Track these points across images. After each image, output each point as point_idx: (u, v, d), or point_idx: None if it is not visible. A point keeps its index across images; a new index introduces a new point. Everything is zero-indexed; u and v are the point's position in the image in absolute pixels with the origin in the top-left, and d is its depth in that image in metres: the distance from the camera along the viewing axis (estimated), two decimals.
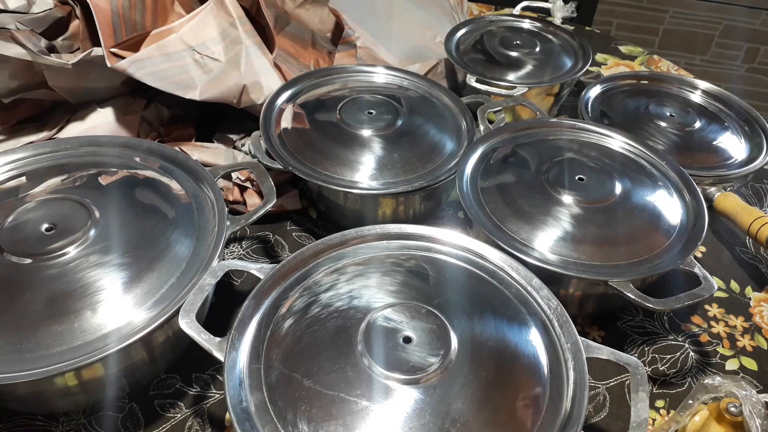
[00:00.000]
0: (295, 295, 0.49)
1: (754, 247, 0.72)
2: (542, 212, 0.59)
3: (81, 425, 0.51)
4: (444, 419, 0.41)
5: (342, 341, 0.45)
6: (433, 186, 0.65)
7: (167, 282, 0.51)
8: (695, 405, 0.46)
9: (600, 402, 0.55)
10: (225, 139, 0.77)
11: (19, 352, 0.45)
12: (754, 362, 0.59)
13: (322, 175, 0.64)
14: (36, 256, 0.51)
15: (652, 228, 0.59)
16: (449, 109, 0.75)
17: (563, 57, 0.89)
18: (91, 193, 0.57)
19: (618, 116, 0.78)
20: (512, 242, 0.56)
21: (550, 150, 0.67)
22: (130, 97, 0.76)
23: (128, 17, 0.72)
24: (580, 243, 0.57)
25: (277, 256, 0.68)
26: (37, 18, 0.69)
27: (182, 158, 0.63)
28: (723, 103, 0.82)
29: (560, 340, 0.46)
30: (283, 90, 0.74)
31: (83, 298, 0.48)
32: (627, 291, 0.53)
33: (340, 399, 0.41)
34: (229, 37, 0.74)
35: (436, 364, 0.43)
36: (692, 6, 1.72)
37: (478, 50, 0.90)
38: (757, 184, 0.81)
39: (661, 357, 0.59)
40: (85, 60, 0.67)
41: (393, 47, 0.86)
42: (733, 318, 0.64)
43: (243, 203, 0.70)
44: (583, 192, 0.61)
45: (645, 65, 1.07)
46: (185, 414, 0.52)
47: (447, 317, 0.47)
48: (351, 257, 0.53)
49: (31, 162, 0.61)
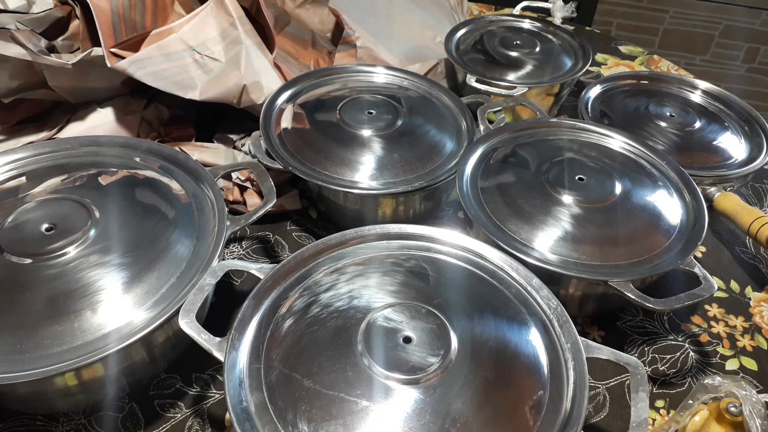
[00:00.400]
0: (295, 295, 0.49)
1: (754, 247, 0.72)
2: (542, 212, 0.59)
3: (81, 425, 0.51)
4: (444, 419, 0.41)
5: (342, 341, 0.45)
6: (433, 186, 0.65)
7: (167, 282, 0.51)
8: (695, 405, 0.46)
9: (600, 402, 0.55)
10: (225, 139, 0.77)
11: (19, 352, 0.45)
12: (754, 362, 0.59)
13: (322, 175, 0.65)
14: (36, 256, 0.51)
15: (652, 228, 0.59)
16: (449, 109, 0.75)
17: (563, 57, 0.89)
18: (91, 193, 0.57)
19: (618, 116, 0.78)
20: (512, 242, 0.56)
21: (550, 150, 0.67)
22: (130, 97, 0.76)
23: (128, 17, 0.72)
24: (580, 243, 0.57)
25: (277, 256, 0.68)
26: (37, 18, 0.69)
27: (182, 158, 0.63)
28: (723, 103, 0.82)
29: (560, 340, 0.46)
30: (283, 90, 0.74)
31: (83, 298, 0.48)
32: (627, 291, 0.53)
33: (340, 399, 0.41)
34: (229, 37, 0.74)
35: (436, 364, 0.43)
36: (692, 6, 1.72)
37: (478, 50, 0.90)
38: (757, 184, 0.81)
39: (661, 357, 0.59)
40: (85, 60, 0.67)
41: (393, 47, 0.86)
42: (733, 318, 0.64)
43: (243, 203, 0.70)
44: (583, 192, 0.61)
45: (645, 65, 1.07)
46: (185, 414, 0.52)
47: (447, 317, 0.47)
48: (351, 257, 0.53)
49: (31, 162, 0.61)
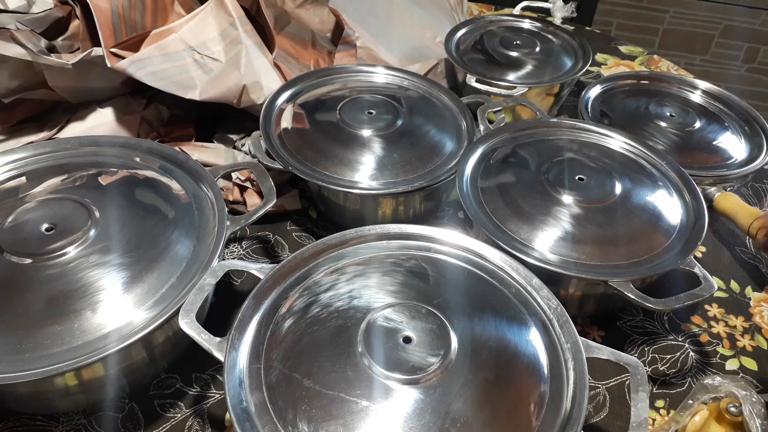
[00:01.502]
0: (295, 295, 0.49)
1: (754, 247, 0.72)
2: (542, 212, 0.59)
3: (81, 425, 0.51)
4: (444, 419, 0.41)
5: (342, 341, 0.45)
6: (433, 186, 0.65)
7: (167, 282, 0.51)
8: (695, 405, 0.47)
9: (600, 402, 0.55)
10: (225, 139, 0.77)
11: (19, 352, 0.45)
12: (754, 362, 0.59)
13: (322, 175, 0.65)
14: (36, 256, 0.51)
15: (652, 228, 0.59)
16: (449, 109, 0.75)
17: (563, 57, 0.89)
18: (91, 193, 0.57)
19: (618, 116, 0.78)
20: (512, 242, 0.56)
21: (550, 150, 0.67)
22: (130, 97, 0.76)
23: (128, 17, 0.72)
24: (580, 243, 0.57)
25: (277, 256, 0.68)
26: (37, 18, 0.69)
27: (182, 158, 0.63)
28: (723, 103, 0.82)
29: (560, 340, 0.46)
30: (283, 90, 0.74)
31: (83, 298, 0.48)
32: (627, 291, 0.53)
33: (340, 399, 0.41)
34: (229, 37, 0.74)
35: (436, 364, 0.43)
36: (692, 6, 1.72)
37: (478, 50, 0.90)
38: (757, 184, 0.81)
39: (661, 357, 0.59)
40: (85, 60, 0.67)
41: (393, 47, 0.86)
42: (733, 318, 0.64)
43: (243, 203, 0.70)
44: (583, 192, 0.61)
45: (645, 65, 1.07)
46: (185, 414, 0.52)
47: (447, 317, 0.47)
48: (351, 257, 0.53)
49: (31, 162, 0.61)
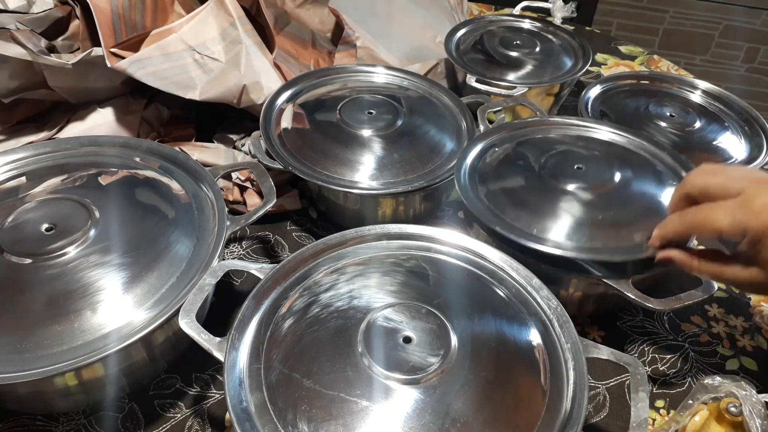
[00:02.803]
0: (295, 295, 0.49)
1: None
2: (542, 200, 0.59)
3: (81, 425, 0.51)
4: (444, 419, 0.41)
5: (342, 341, 0.45)
6: (433, 186, 0.65)
7: (167, 282, 0.51)
8: (695, 405, 0.46)
9: (600, 402, 0.55)
10: (225, 139, 0.77)
11: (19, 352, 0.45)
12: (754, 362, 0.59)
13: (322, 175, 0.64)
14: (36, 256, 0.51)
15: (655, 224, 0.59)
16: (449, 109, 0.75)
17: (563, 57, 0.89)
18: (91, 193, 0.57)
19: (618, 116, 0.78)
20: (512, 231, 0.55)
21: (549, 143, 0.67)
22: (130, 97, 0.76)
23: (128, 17, 0.72)
24: (581, 227, 0.56)
25: (277, 256, 0.68)
26: (37, 18, 0.69)
27: (182, 158, 0.63)
28: (723, 103, 0.82)
29: (560, 340, 0.46)
30: (283, 90, 0.74)
31: (83, 298, 0.48)
32: (627, 291, 0.52)
33: (340, 399, 0.41)
34: (229, 37, 0.74)
35: (436, 364, 0.43)
36: (692, 6, 1.72)
37: (478, 50, 0.90)
38: None
39: (661, 357, 0.59)
40: (85, 60, 0.67)
41: (393, 47, 0.86)
42: (733, 318, 0.64)
43: (243, 203, 0.70)
44: (582, 179, 0.60)
45: (645, 65, 1.07)
46: (185, 414, 0.52)
47: (447, 317, 0.47)
48: (351, 257, 0.53)
49: (31, 162, 0.61)
